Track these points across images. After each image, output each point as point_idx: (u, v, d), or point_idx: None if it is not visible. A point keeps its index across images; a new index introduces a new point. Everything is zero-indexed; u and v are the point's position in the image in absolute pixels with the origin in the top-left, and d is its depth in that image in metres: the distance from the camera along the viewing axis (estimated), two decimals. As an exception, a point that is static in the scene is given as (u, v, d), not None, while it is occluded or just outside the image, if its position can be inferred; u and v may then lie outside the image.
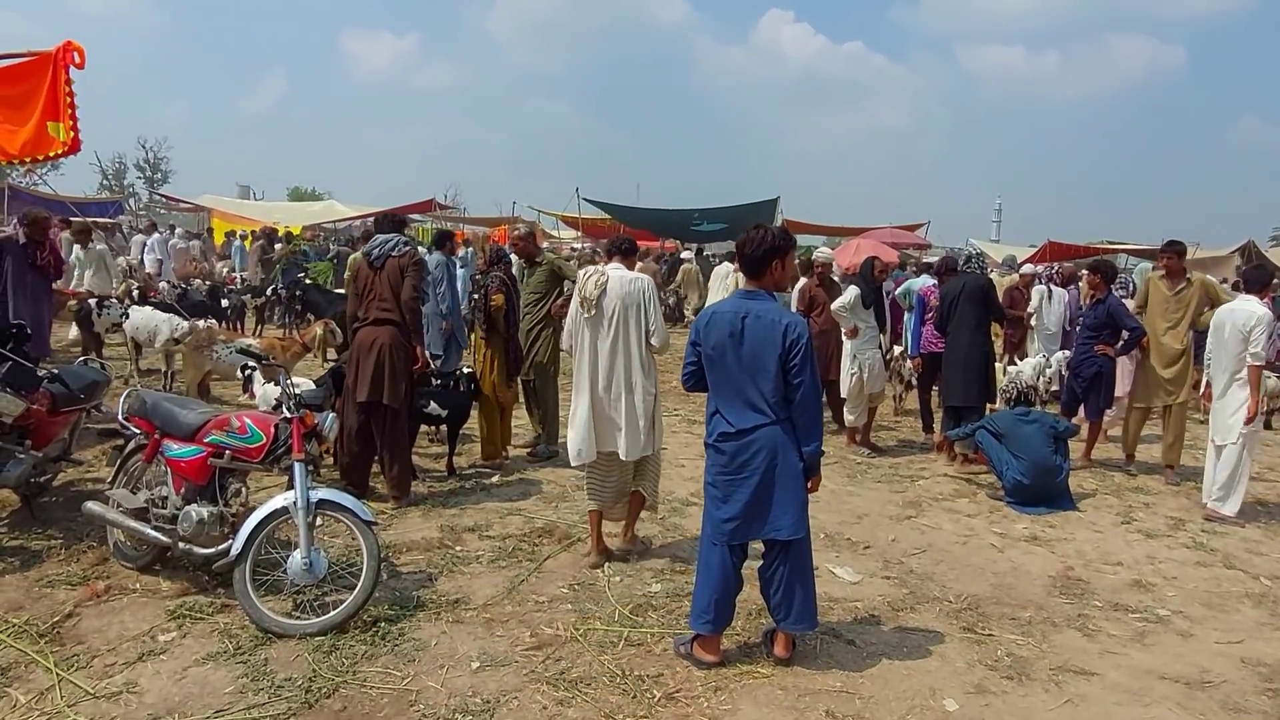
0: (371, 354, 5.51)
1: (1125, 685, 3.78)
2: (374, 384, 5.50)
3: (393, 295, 5.54)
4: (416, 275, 5.58)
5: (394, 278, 5.55)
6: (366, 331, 5.58)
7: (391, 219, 5.95)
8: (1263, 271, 6.90)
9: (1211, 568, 5.41)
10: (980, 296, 7.46)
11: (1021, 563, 5.31)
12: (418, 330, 5.64)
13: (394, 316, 5.55)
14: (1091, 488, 7.09)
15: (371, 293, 5.58)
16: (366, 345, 5.55)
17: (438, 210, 24.21)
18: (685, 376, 3.97)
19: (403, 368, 5.56)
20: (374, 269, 5.61)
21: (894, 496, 6.61)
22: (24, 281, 6.85)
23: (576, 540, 5.22)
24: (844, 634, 4.13)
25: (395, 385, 5.52)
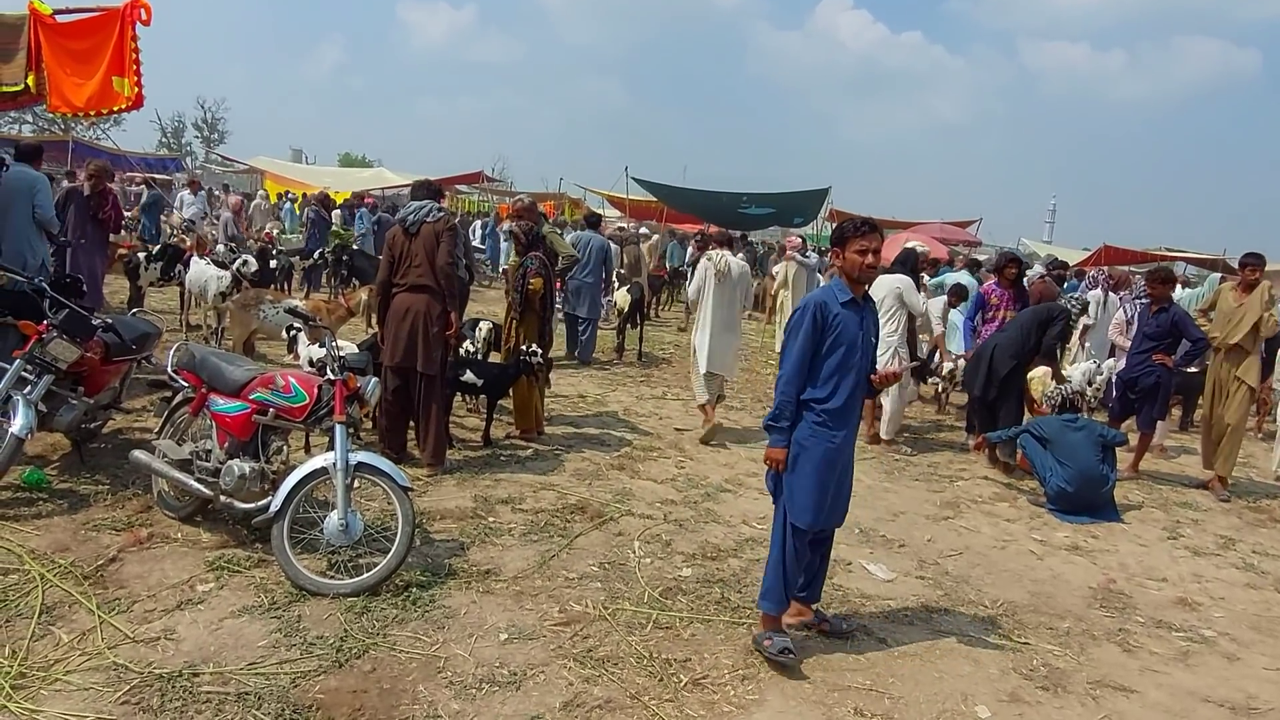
0: (406, 320, 5.53)
1: (1166, 705, 3.68)
2: (407, 350, 5.52)
3: (428, 261, 5.54)
4: (451, 241, 5.58)
5: (429, 244, 5.55)
6: (402, 298, 5.60)
7: (427, 185, 5.95)
8: None
9: (1262, 590, 5.24)
10: (1045, 317, 7.27)
11: (1061, 572, 5.19)
12: (453, 296, 5.64)
13: (429, 282, 5.55)
14: (1138, 500, 6.91)
15: (407, 259, 5.59)
16: (401, 311, 5.58)
17: (485, 183, 24.27)
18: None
19: (438, 335, 5.57)
20: (409, 235, 5.61)
21: (932, 496, 6.50)
22: (85, 232, 6.98)
23: (609, 519, 5.21)
24: (876, 631, 4.06)
25: (429, 352, 5.54)
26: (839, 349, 3.64)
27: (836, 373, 3.64)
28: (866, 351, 3.72)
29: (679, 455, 6.86)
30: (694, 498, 5.80)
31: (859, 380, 3.69)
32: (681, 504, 5.67)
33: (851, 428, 3.75)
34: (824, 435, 3.66)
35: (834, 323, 3.65)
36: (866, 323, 3.74)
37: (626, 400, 8.70)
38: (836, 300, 3.71)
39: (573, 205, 26.11)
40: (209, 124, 57.47)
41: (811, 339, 3.65)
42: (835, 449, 3.66)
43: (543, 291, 6.78)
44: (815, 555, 3.89)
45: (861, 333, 3.69)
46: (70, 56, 6.91)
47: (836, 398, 3.64)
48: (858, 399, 3.71)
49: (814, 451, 3.65)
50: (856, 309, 3.71)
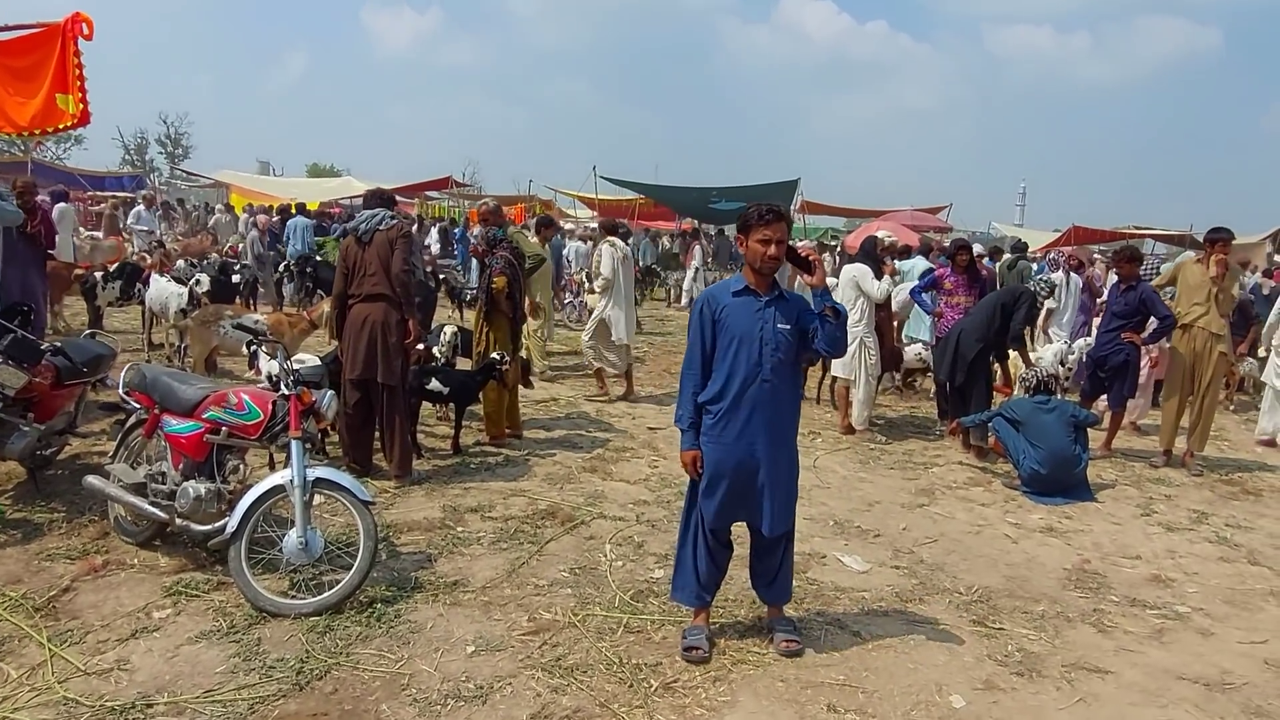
0: (364, 331, 5.44)
1: (1141, 685, 3.65)
2: (367, 361, 5.43)
3: (383, 270, 5.44)
4: (405, 248, 5.48)
5: (383, 252, 5.45)
6: (359, 308, 5.50)
7: (379, 194, 5.86)
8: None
9: (1235, 563, 5.25)
10: (1009, 299, 7.28)
11: (1036, 554, 5.17)
12: (410, 304, 5.54)
13: (385, 291, 5.45)
14: (1111, 478, 6.92)
15: (361, 269, 5.49)
16: (358, 322, 5.48)
17: (454, 188, 24.10)
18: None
19: (396, 344, 5.48)
20: (362, 245, 5.51)
21: (907, 484, 6.48)
22: (14, 250, 6.78)
23: (580, 523, 5.13)
24: (849, 625, 4.02)
25: (389, 362, 5.45)
26: (729, 344, 3.52)
27: (726, 369, 3.52)
28: (766, 347, 3.49)
29: (652, 454, 6.80)
30: (667, 497, 5.73)
31: (751, 376, 3.49)
32: (654, 504, 5.61)
33: (756, 427, 3.51)
34: (712, 435, 3.56)
35: (722, 316, 3.54)
36: (768, 315, 3.52)
37: (598, 401, 8.62)
38: (728, 292, 3.60)
39: (543, 207, 25.97)
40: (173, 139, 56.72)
41: (700, 334, 3.56)
42: (724, 449, 3.54)
43: (508, 290, 6.70)
44: (770, 557, 3.77)
45: (760, 326, 3.50)
46: (11, 75, 6.74)
47: (725, 396, 3.52)
48: (759, 396, 3.50)
49: (706, 453, 3.58)
50: (755, 300, 3.55)
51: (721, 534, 3.75)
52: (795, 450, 3.72)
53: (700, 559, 3.74)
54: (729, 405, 3.53)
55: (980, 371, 7.41)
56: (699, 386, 3.60)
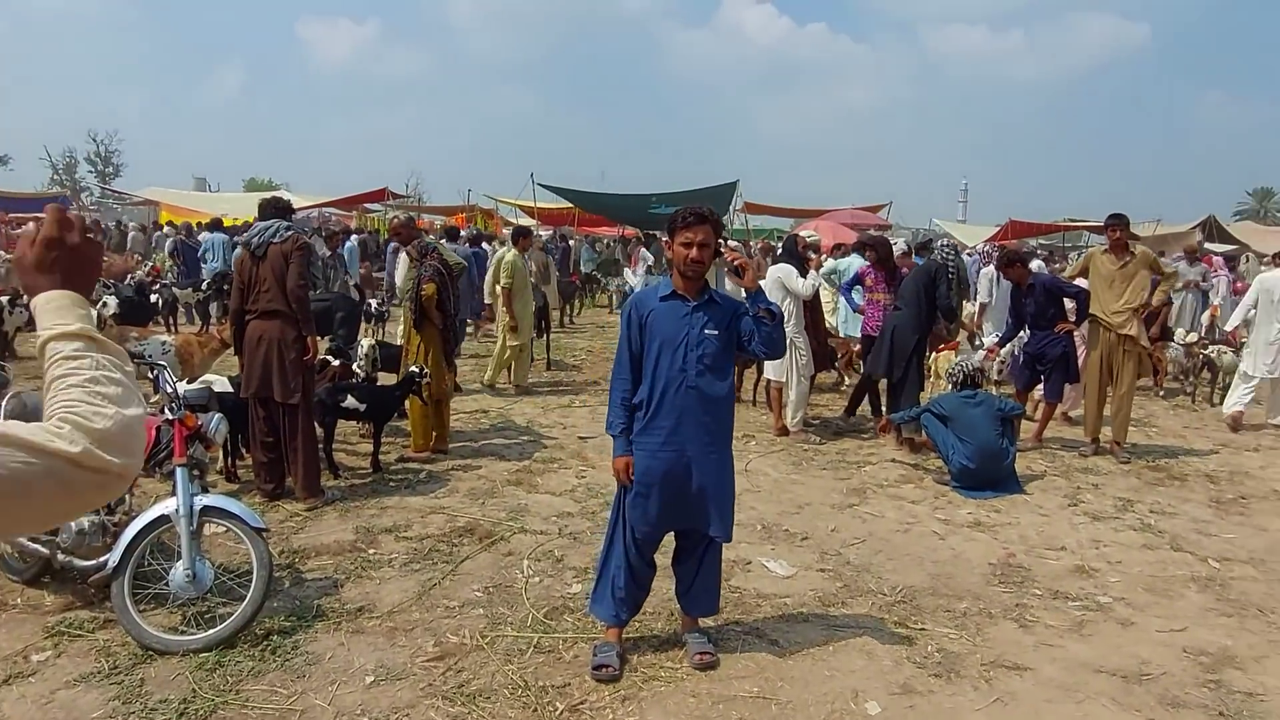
0: (260, 348, 5.22)
1: (1059, 680, 3.61)
2: (263, 379, 5.22)
3: (277, 285, 5.22)
4: (301, 261, 5.27)
5: (278, 266, 5.23)
6: (255, 325, 5.28)
7: (274, 204, 5.62)
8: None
9: (1158, 550, 5.27)
10: (926, 279, 7.34)
11: (962, 550, 5.13)
12: (307, 320, 5.33)
13: (281, 307, 5.24)
14: (1041, 469, 6.95)
15: (255, 284, 5.27)
16: (254, 339, 5.26)
17: (391, 199, 23.72)
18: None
19: (295, 361, 5.26)
20: (256, 259, 5.29)
21: (838, 484, 6.42)
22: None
23: (499, 539, 4.97)
24: (768, 633, 3.91)
25: (286, 380, 5.23)
26: (655, 349, 3.44)
27: (652, 374, 3.45)
28: (692, 352, 3.42)
29: (581, 464, 6.65)
30: (592, 508, 5.59)
31: (676, 381, 3.41)
32: (579, 515, 5.46)
33: (684, 433, 3.43)
34: (640, 443, 3.48)
35: (649, 321, 3.46)
36: (695, 320, 3.45)
37: (531, 411, 8.45)
38: (655, 296, 3.53)
39: (484, 216, 25.71)
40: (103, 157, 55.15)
41: (627, 339, 3.49)
42: (651, 455, 3.45)
43: (438, 299, 6.56)
44: (689, 563, 3.70)
45: (686, 330, 3.43)
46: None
47: (652, 402, 3.44)
48: (685, 401, 3.42)
49: (636, 460, 3.48)
50: (683, 305, 3.48)
51: (646, 548, 3.64)
52: (728, 454, 3.63)
53: (620, 573, 3.63)
54: (655, 411, 3.45)
55: (912, 367, 7.42)
56: (628, 392, 3.51)
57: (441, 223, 22.37)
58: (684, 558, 3.72)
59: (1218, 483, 6.74)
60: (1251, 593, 4.61)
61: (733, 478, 3.65)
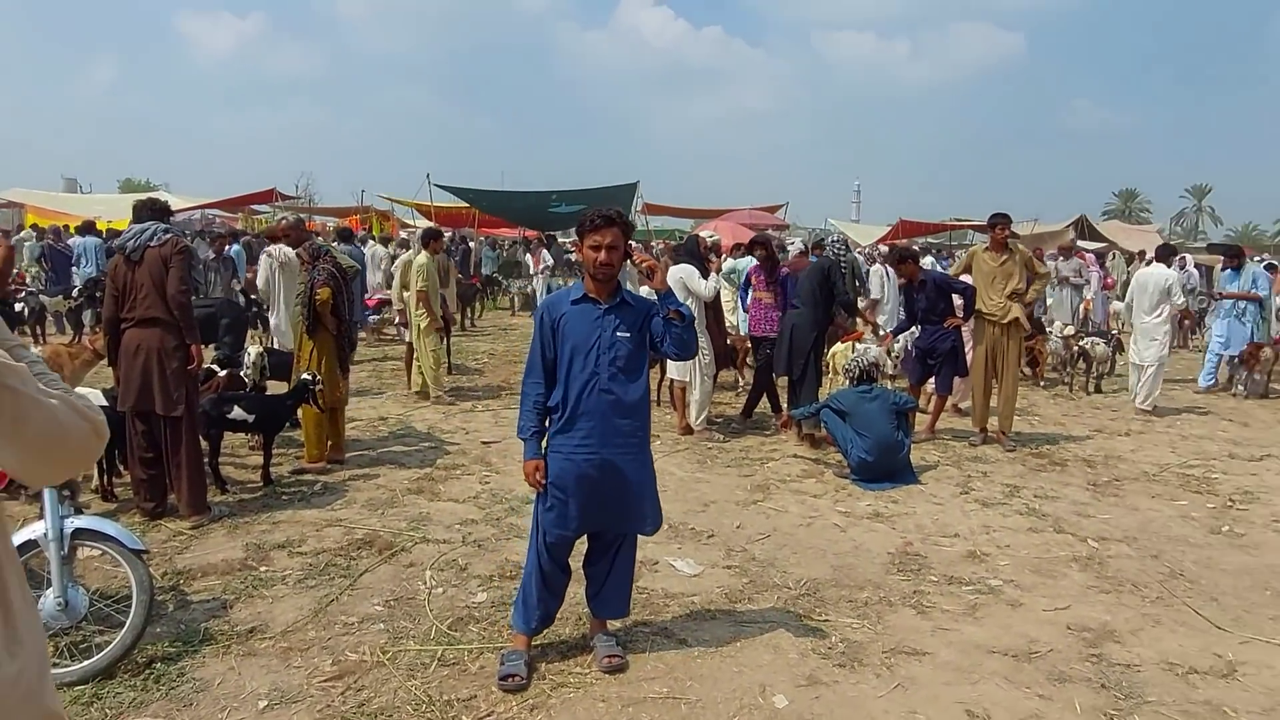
0: (138, 358, 4.92)
1: (955, 663, 3.73)
2: (142, 391, 4.92)
3: (156, 291, 4.93)
4: (182, 266, 4.99)
5: (156, 271, 4.94)
6: (131, 334, 4.97)
7: (151, 205, 5.31)
8: (1168, 248, 10.49)
9: (1043, 533, 5.52)
10: (820, 277, 7.52)
11: (863, 541, 5.27)
12: (190, 327, 5.06)
13: (160, 314, 4.95)
14: (934, 460, 7.21)
15: (132, 291, 4.97)
16: (131, 349, 4.96)
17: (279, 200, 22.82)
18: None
19: (176, 372, 4.98)
20: (132, 264, 4.99)
21: (743, 481, 6.50)
22: None
23: (400, 550, 4.82)
24: (676, 632, 3.92)
25: (167, 392, 4.94)
26: (568, 352, 3.44)
27: (565, 378, 3.44)
28: (604, 355, 3.42)
29: (485, 470, 6.53)
30: (497, 514, 5.50)
31: (590, 384, 3.41)
32: (483, 522, 5.36)
33: (598, 436, 3.42)
34: (555, 445, 3.47)
35: (561, 324, 3.46)
36: (608, 323, 3.45)
37: (432, 417, 8.26)
38: (567, 300, 3.53)
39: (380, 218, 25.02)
40: (-41, 157, 51.19)
41: (540, 342, 3.48)
42: (565, 459, 3.43)
43: (333, 303, 6.32)
44: (601, 564, 3.68)
45: (599, 333, 3.43)
46: None
47: (566, 405, 3.43)
48: (599, 405, 3.41)
49: (550, 464, 3.46)
50: (594, 308, 3.48)
51: (559, 552, 3.60)
52: (647, 454, 3.64)
53: (533, 579, 3.59)
54: (569, 415, 3.44)
55: (810, 364, 7.59)
56: (540, 396, 3.49)
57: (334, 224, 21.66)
58: (596, 559, 3.70)
59: (1094, 466, 7.13)
60: (1126, 569, 4.89)
61: (653, 474, 3.67)
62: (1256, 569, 4.94)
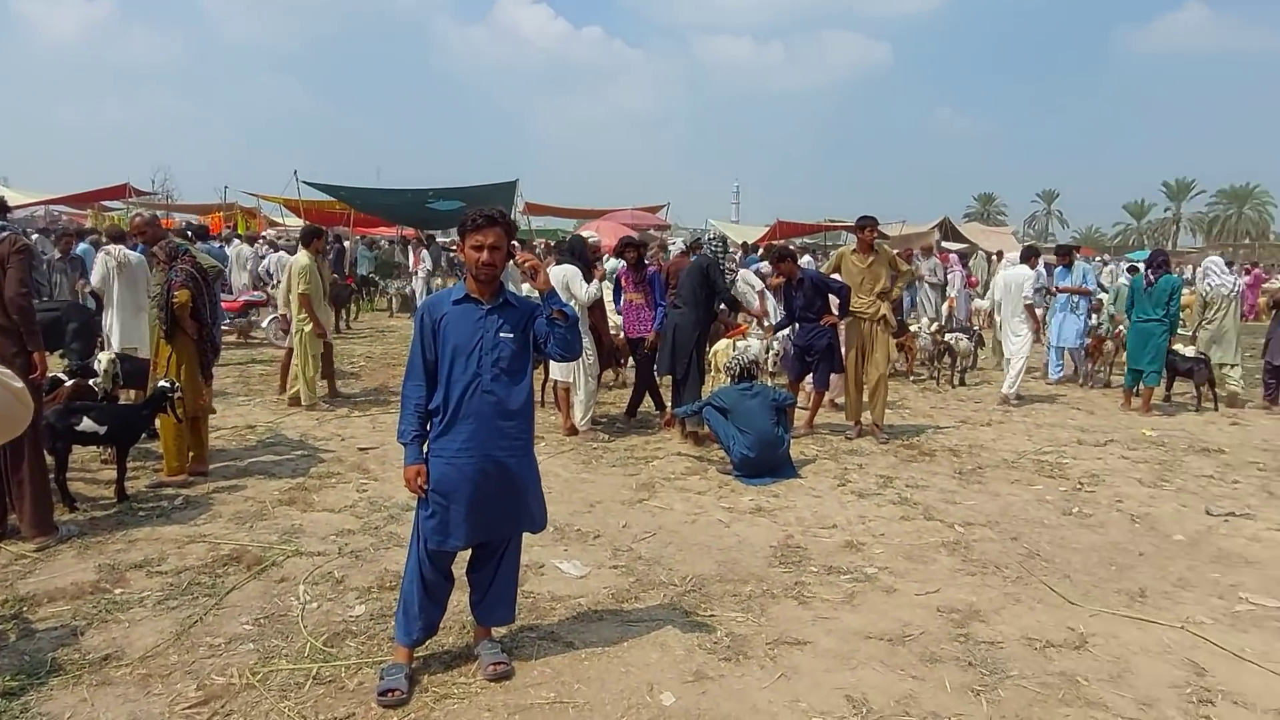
0: None
1: (835, 650, 3.84)
2: None
3: None
4: (21, 267, 4.60)
5: None
6: None
7: None
8: (1031, 249, 11.42)
9: (914, 520, 5.76)
10: (700, 276, 7.64)
11: (746, 535, 5.37)
12: (32, 332, 4.67)
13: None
14: (813, 454, 7.43)
15: None
16: None
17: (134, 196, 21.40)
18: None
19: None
20: None
21: (628, 480, 6.52)
22: None
23: (271, 564, 4.59)
24: (563, 636, 3.88)
25: None
26: (449, 354, 3.37)
27: (446, 380, 3.38)
28: (487, 356, 3.36)
29: (362, 477, 6.31)
30: (375, 522, 5.31)
31: (472, 386, 3.35)
32: (360, 532, 5.17)
33: (480, 439, 3.37)
34: (436, 449, 3.39)
35: (441, 325, 3.39)
36: (490, 324, 3.40)
37: (305, 424, 7.92)
38: (448, 300, 3.46)
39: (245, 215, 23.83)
40: None
41: (420, 344, 3.40)
42: (447, 463, 3.36)
43: (193, 306, 5.95)
44: (486, 569, 3.61)
45: (481, 334, 3.38)
46: None
47: (447, 408, 3.37)
48: (481, 407, 3.35)
49: (431, 469, 3.38)
50: (477, 309, 3.42)
51: (441, 560, 3.50)
52: (530, 457, 3.59)
53: (414, 589, 3.48)
54: (451, 417, 3.36)
55: (693, 362, 7.69)
56: (422, 399, 3.39)
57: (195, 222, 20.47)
58: (480, 565, 3.62)
59: (960, 456, 7.52)
60: (990, 552, 5.16)
61: (538, 476, 3.64)
62: (1102, 546, 5.32)
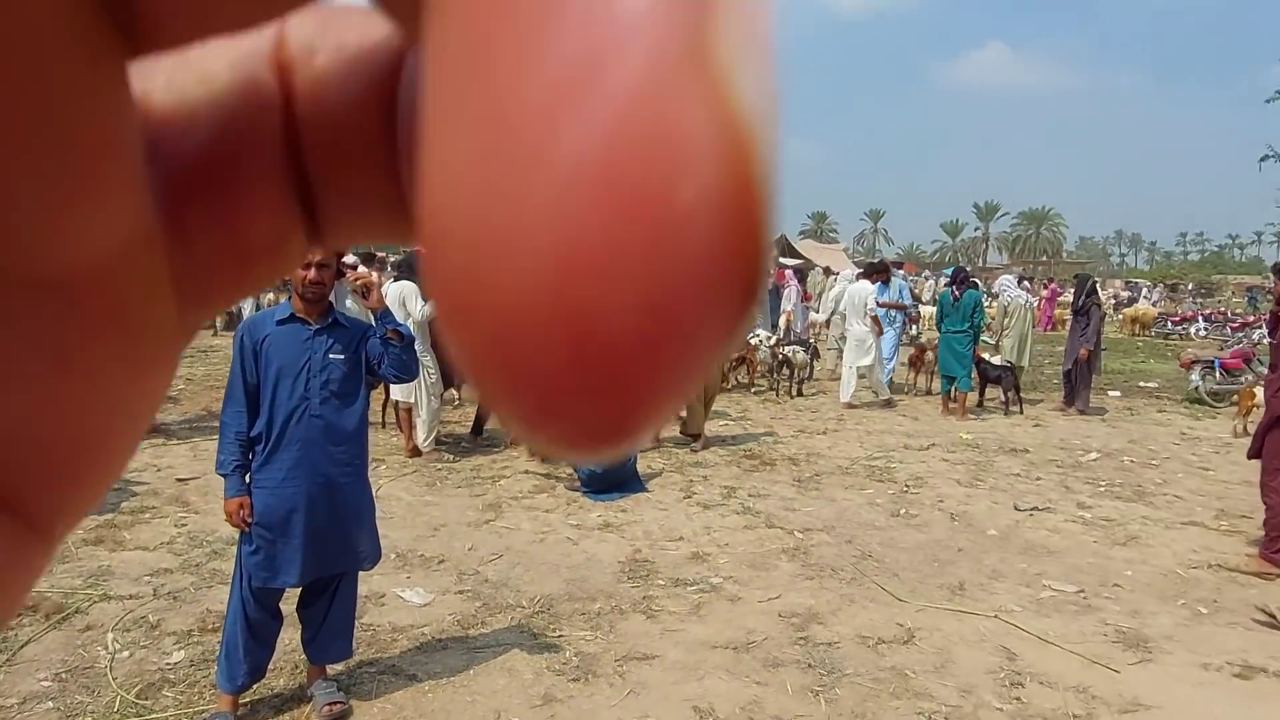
0: None
1: (682, 662, 3.89)
2: None
3: None
4: None
5: None
6: None
7: None
8: (874, 266, 11.92)
9: (756, 529, 5.94)
10: None
11: (595, 552, 5.35)
12: None
13: None
14: (659, 467, 7.52)
15: None
16: None
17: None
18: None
19: None
20: None
21: (474, 501, 6.37)
22: None
23: (74, 612, 4.16)
24: (406, 668, 3.73)
25: None
26: (271, 376, 3.19)
27: (270, 405, 3.20)
28: (315, 378, 3.21)
29: (181, 511, 5.85)
30: (196, 559, 4.93)
31: (298, 411, 3.19)
32: (179, 570, 4.78)
33: (308, 466, 3.20)
34: (260, 480, 3.21)
35: (264, 347, 3.21)
36: (318, 344, 3.25)
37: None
38: (271, 320, 3.27)
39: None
40: None
41: (240, 367, 3.20)
42: (271, 494, 3.19)
43: None
44: (319, 605, 3.42)
45: (308, 356, 3.22)
46: None
47: (271, 434, 3.19)
48: (309, 432, 3.19)
49: (255, 500, 3.19)
50: (303, 329, 3.25)
51: (268, 599, 3.29)
52: (364, 484, 3.43)
53: (238, 631, 3.24)
54: (275, 445, 3.17)
55: None
56: (243, 426, 3.16)
57: None
58: (312, 600, 3.42)
59: (798, 464, 7.82)
60: (826, 556, 5.39)
61: (373, 504, 3.50)
62: (926, 544, 5.67)
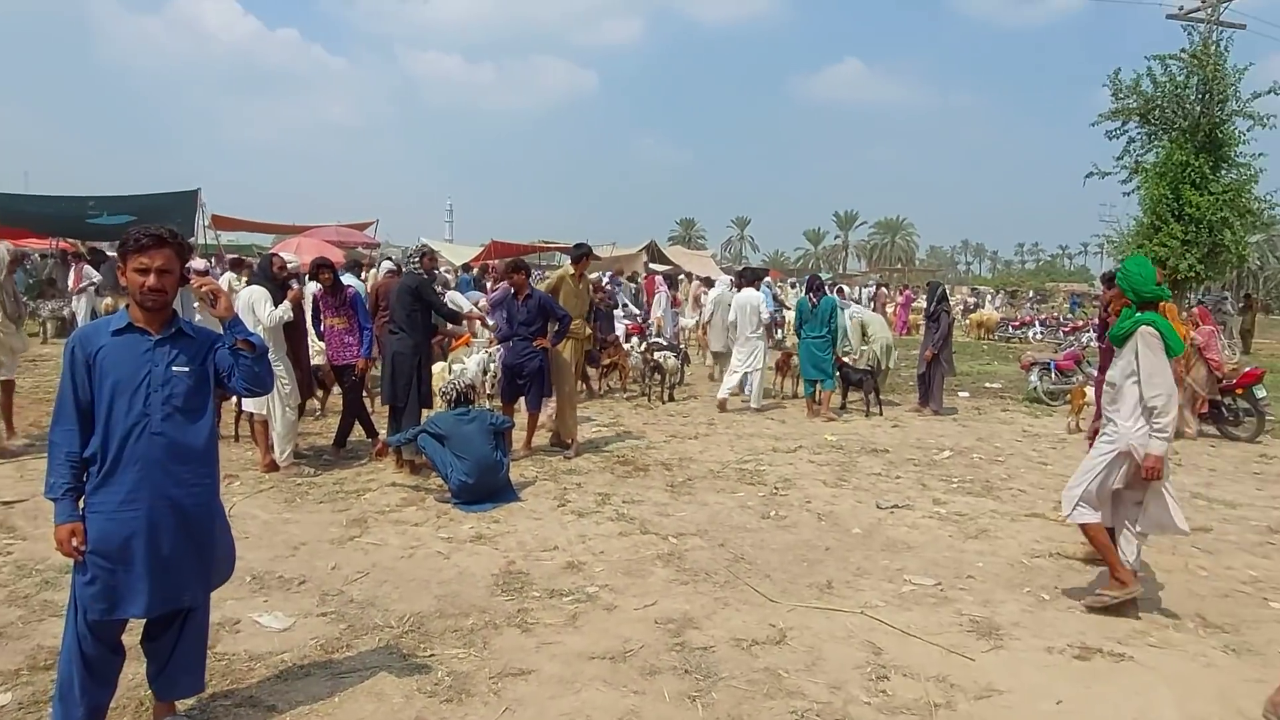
0: None
1: (559, 675, 3.83)
2: None
3: None
4: None
5: None
6: None
7: None
8: (753, 272, 12.76)
9: (631, 536, 5.94)
10: (411, 297, 7.40)
11: (467, 566, 5.22)
12: None
13: None
14: (532, 476, 7.43)
15: None
16: None
17: None
18: None
19: None
20: None
21: (337, 516, 6.09)
22: None
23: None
24: (264, 699, 3.51)
25: None
26: (107, 392, 2.95)
27: (105, 422, 2.95)
28: (155, 393, 2.98)
29: (6, 536, 5.32)
30: (24, 590, 4.50)
31: (137, 428, 2.95)
32: (5, 603, 4.35)
33: (149, 488, 2.96)
34: (94, 504, 2.96)
35: (98, 360, 2.96)
36: (160, 357, 3.01)
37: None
38: (106, 331, 3.02)
39: None
40: None
41: (71, 382, 2.95)
42: (108, 519, 2.93)
43: None
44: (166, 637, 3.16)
45: (148, 369, 2.98)
46: None
47: (107, 455, 2.94)
48: (149, 451, 2.96)
49: (89, 526, 2.94)
50: (143, 340, 3.02)
51: (107, 633, 3.02)
52: (215, 505, 3.21)
53: (74, 669, 2.97)
54: (112, 465, 2.92)
55: (413, 388, 7.39)
56: (75, 446, 2.91)
57: None
58: (158, 632, 3.16)
59: (671, 469, 7.90)
60: (700, 560, 5.46)
61: (226, 525, 3.28)
62: (795, 545, 5.83)
